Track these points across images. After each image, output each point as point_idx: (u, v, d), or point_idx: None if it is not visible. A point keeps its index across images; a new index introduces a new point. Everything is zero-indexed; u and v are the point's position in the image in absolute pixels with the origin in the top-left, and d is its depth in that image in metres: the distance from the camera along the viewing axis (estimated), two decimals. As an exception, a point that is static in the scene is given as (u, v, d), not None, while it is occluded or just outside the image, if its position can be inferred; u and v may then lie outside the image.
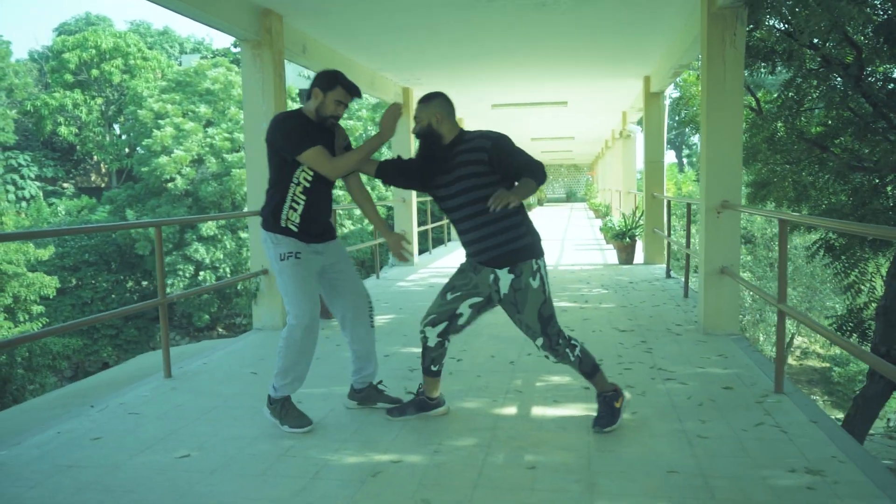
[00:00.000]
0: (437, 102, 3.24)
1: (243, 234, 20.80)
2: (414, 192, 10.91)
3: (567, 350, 3.21)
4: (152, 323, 22.29)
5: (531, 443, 3.20)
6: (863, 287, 6.97)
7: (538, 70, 9.24)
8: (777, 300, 3.82)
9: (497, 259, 3.18)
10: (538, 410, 3.66)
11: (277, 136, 3.25)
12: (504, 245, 3.16)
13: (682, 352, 4.83)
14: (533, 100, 12.07)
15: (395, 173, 3.41)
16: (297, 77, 29.90)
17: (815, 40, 5.49)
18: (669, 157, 57.51)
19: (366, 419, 3.57)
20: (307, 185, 3.29)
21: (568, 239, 15.03)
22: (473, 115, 13.90)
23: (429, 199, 14.37)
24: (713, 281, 5.29)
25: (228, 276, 20.87)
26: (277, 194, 3.31)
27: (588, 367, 3.28)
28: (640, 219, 10.35)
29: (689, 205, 7.64)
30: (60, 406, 6.20)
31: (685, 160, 54.27)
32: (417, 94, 10.99)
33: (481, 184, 3.12)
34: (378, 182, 19.99)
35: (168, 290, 20.77)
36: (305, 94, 3.45)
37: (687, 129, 10.88)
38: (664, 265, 9.17)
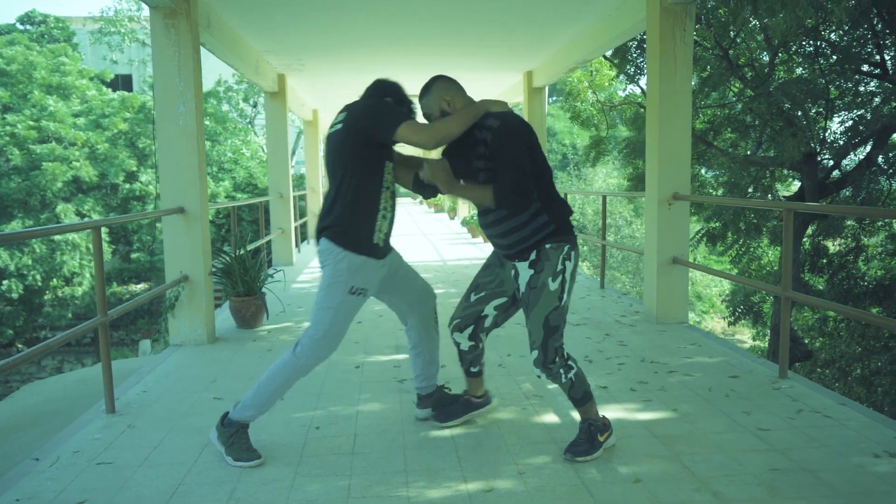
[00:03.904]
0: (439, 85, 2.87)
1: (56, 237, 18.22)
2: (291, 188, 10.19)
3: (561, 370, 2.82)
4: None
5: (608, 454, 2.96)
6: (751, 269, 7.56)
7: (424, 59, 8.97)
8: (782, 288, 3.93)
9: (519, 253, 2.85)
10: (577, 416, 3.43)
11: (366, 118, 2.76)
12: (525, 239, 2.81)
13: (655, 343, 4.86)
14: (413, 91, 11.78)
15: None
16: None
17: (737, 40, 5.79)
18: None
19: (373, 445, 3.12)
20: (392, 187, 2.84)
21: (430, 234, 14.96)
22: (340, 105, 13.29)
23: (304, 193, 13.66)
24: (665, 271, 5.40)
25: (39, 283, 18.20)
26: (363, 203, 2.79)
27: (579, 394, 2.89)
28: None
29: (604, 197, 7.79)
30: None
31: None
32: (293, 82, 10.26)
33: (489, 168, 2.76)
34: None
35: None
36: (374, 96, 2.98)
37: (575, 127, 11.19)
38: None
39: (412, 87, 3.16)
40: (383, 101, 2.88)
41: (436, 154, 3.78)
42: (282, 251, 9.85)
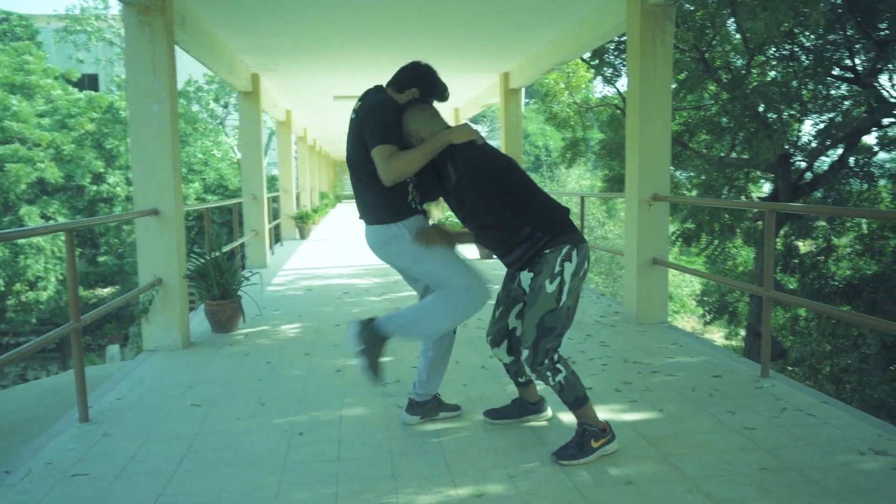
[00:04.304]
0: (408, 117, 2.92)
1: (20, 240, 17.76)
2: (266, 189, 10.05)
3: (549, 373, 2.81)
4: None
5: (598, 456, 2.93)
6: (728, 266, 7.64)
7: (401, 60, 8.83)
8: (764, 288, 3.95)
9: (522, 265, 2.90)
10: (565, 417, 3.41)
11: (371, 120, 2.84)
12: (525, 252, 2.85)
13: (637, 344, 4.86)
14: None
15: (433, 187, 3.05)
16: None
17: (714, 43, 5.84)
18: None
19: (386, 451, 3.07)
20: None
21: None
22: (312, 106, 13.19)
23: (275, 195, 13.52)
24: (645, 271, 5.42)
25: (2, 287, 17.70)
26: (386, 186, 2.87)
27: (570, 398, 2.83)
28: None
29: (582, 199, 7.80)
30: None
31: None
32: (267, 82, 10.13)
33: (462, 198, 2.87)
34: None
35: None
36: (395, 84, 3.04)
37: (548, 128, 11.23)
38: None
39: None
40: (387, 106, 2.87)
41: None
42: (256, 253, 9.70)
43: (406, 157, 2.79)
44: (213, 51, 6.95)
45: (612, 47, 8.88)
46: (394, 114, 2.87)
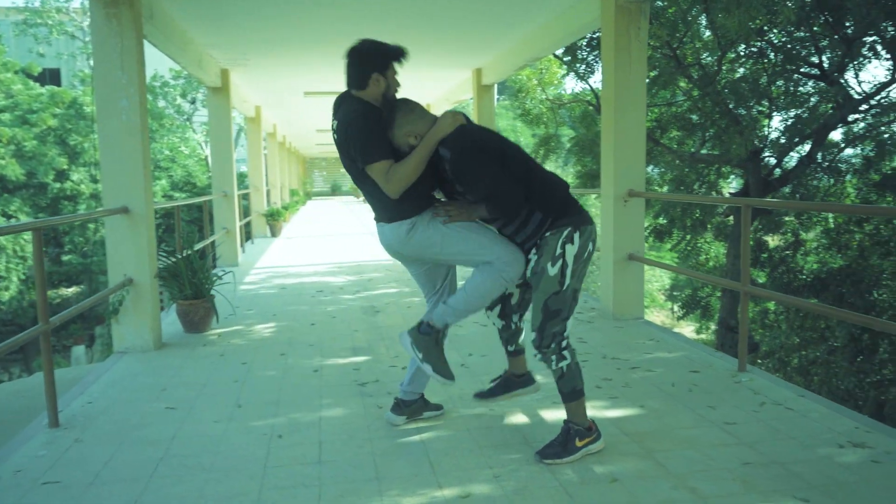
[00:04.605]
0: (400, 120, 2.75)
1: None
2: (236, 186, 9.90)
3: (553, 357, 2.81)
4: None
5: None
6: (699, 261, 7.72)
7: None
8: (741, 283, 3.98)
9: (529, 247, 2.88)
10: (548, 415, 3.40)
11: (358, 140, 2.71)
12: (531, 237, 2.84)
13: (614, 339, 4.88)
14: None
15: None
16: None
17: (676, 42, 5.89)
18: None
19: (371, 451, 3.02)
20: None
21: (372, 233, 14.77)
22: (282, 102, 13.03)
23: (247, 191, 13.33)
24: (621, 267, 5.44)
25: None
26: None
27: (567, 388, 2.81)
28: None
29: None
30: None
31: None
32: (237, 77, 9.96)
33: (464, 190, 2.85)
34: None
35: None
36: (355, 83, 2.81)
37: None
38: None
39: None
40: (365, 116, 2.71)
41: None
42: (227, 252, 9.54)
43: (404, 168, 2.68)
44: (181, 45, 6.81)
45: (585, 43, 8.90)
46: (374, 122, 2.71)
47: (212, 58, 8.49)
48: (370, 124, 2.69)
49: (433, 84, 11.81)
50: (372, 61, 2.76)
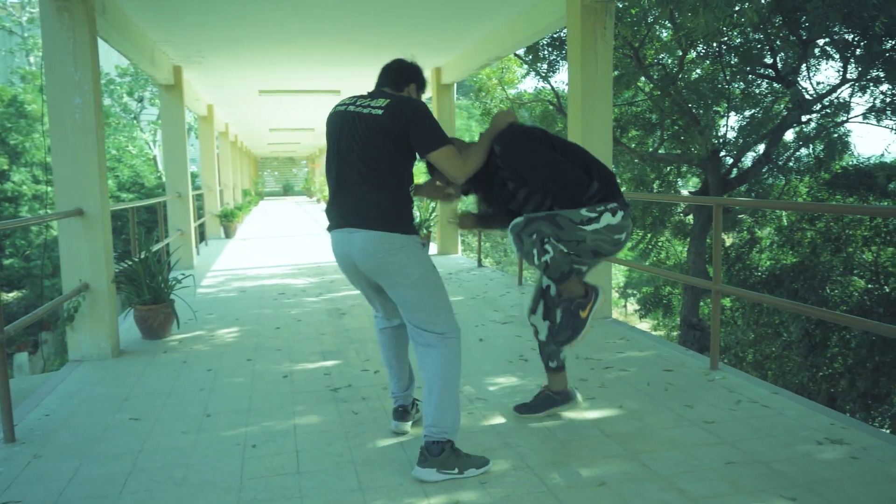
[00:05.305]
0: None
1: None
2: (191, 187, 9.61)
3: (535, 250, 2.68)
4: None
5: (566, 457, 2.89)
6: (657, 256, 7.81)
7: (330, 54, 8.67)
8: (713, 282, 4.02)
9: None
10: (533, 422, 3.35)
11: (424, 123, 2.65)
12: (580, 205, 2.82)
13: (586, 339, 4.84)
14: (306, 87, 11.42)
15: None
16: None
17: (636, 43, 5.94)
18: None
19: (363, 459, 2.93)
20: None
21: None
22: (236, 101, 12.73)
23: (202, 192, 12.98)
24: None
25: None
26: (400, 191, 2.69)
27: (556, 274, 2.73)
28: (433, 210, 10.40)
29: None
30: None
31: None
32: (190, 75, 9.68)
33: (514, 177, 2.89)
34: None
35: None
36: (392, 85, 2.90)
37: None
38: (458, 255, 9.62)
39: (320, 83, 3.03)
40: (427, 109, 2.73)
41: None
42: (182, 254, 9.26)
43: (474, 155, 2.76)
44: (134, 41, 6.57)
45: (546, 42, 8.93)
46: (434, 119, 2.76)
47: (165, 54, 8.22)
48: (434, 118, 2.73)
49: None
50: (416, 76, 2.94)
